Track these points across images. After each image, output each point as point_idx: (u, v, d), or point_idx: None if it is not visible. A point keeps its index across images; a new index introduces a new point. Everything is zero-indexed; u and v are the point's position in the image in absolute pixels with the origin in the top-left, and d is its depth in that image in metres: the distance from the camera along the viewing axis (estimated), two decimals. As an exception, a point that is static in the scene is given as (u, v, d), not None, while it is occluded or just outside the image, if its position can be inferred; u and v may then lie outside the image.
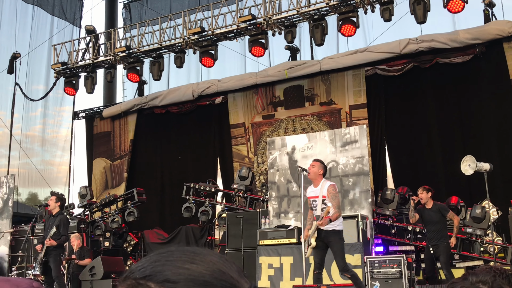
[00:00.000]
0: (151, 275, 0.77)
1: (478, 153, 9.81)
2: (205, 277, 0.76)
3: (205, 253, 0.81)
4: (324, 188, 6.91)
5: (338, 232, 6.87)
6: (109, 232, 12.40)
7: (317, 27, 11.15)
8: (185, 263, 0.78)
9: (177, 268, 0.77)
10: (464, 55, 11.66)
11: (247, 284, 0.80)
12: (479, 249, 9.46)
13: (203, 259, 0.79)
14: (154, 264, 0.78)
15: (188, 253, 0.81)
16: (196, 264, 0.78)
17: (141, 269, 0.79)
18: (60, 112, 17.54)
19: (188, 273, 0.76)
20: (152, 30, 13.22)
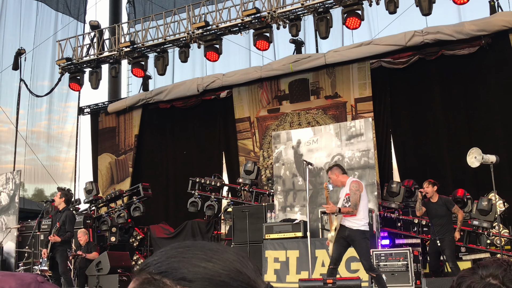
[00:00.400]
0: (167, 271, 0.75)
1: (485, 145, 9.76)
2: (222, 276, 0.75)
3: (222, 250, 0.80)
4: (348, 185, 6.92)
5: (363, 232, 6.79)
6: (115, 227, 12.44)
7: (322, 20, 11.10)
8: (202, 261, 0.76)
9: (193, 266, 0.75)
10: (470, 47, 11.59)
11: (263, 284, 0.79)
12: (485, 242, 9.43)
13: (220, 258, 0.78)
14: (170, 260, 0.77)
15: (205, 250, 0.79)
16: (213, 263, 0.76)
17: (157, 263, 0.77)
18: (66, 108, 17.59)
19: (205, 272, 0.75)
20: (156, 25, 13.21)
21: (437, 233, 8.24)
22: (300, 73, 13.33)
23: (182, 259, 0.77)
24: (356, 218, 6.76)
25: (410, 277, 8.16)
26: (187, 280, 0.74)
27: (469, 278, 1.69)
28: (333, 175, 7.01)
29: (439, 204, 8.33)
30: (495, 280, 1.64)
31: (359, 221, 6.77)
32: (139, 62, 13.38)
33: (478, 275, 1.67)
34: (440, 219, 8.29)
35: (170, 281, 0.74)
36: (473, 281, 1.66)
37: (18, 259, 12.23)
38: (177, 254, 0.78)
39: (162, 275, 0.75)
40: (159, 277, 0.75)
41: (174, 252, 0.78)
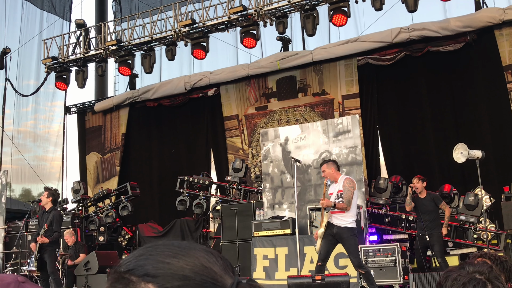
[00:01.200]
0: (134, 269, 0.78)
1: (471, 140, 9.85)
2: (185, 271, 0.77)
3: (190, 247, 0.82)
4: (340, 183, 6.94)
5: (351, 229, 6.83)
6: (103, 226, 12.39)
7: (308, 17, 11.11)
8: (167, 257, 0.79)
9: (158, 262, 0.78)
10: (455, 43, 11.67)
11: (231, 279, 0.79)
12: (472, 236, 9.52)
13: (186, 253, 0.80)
14: (138, 258, 0.80)
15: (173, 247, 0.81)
16: (177, 259, 0.78)
17: (127, 262, 0.81)
18: (52, 107, 17.45)
19: (168, 267, 0.77)
20: (142, 23, 13.13)
21: (426, 228, 8.29)
22: (287, 71, 13.35)
23: (148, 256, 0.80)
24: (345, 216, 6.79)
25: (398, 272, 8.21)
26: (151, 275, 0.76)
27: (456, 272, 1.72)
28: (329, 169, 7.02)
29: (428, 199, 8.40)
30: (481, 276, 1.68)
31: (348, 218, 6.80)
32: (126, 61, 13.30)
33: (465, 271, 1.71)
34: (429, 214, 8.36)
35: (135, 278, 0.77)
36: (459, 274, 1.70)
37: (6, 259, 12.14)
38: (145, 252, 0.81)
39: (129, 272, 0.79)
40: (127, 275, 0.78)
41: (143, 251, 0.82)
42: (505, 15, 10.90)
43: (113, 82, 16.80)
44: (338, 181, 6.99)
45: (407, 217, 9.75)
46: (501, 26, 11.18)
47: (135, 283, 0.77)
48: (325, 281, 6.95)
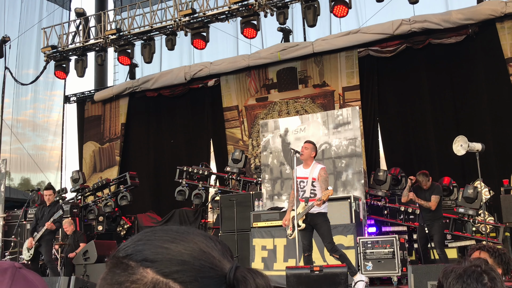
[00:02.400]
0: (132, 254, 0.78)
1: (471, 133, 9.83)
2: (183, 256, 0.77)
3: (189, 231, 0.82)
4: (315, 170, 6.91)
5: (324, 214, 6.89)
6: (102, 216, 12.38)
7: (309, 8, 11.05)
8: (165, 242, 0.79)
9: (156, 247, 0.78)
10: (457, 36, 11.62)
11: (229, 263, 0.79)
12: (471, 229, 9.52)
13: (184, 238, 0.80)
14: (137, 243, 0.80)
15: (171, 232, 0.81)
16: (176, 244, 0.78)
17: (125, 248, 0.81)
18: (51, 97, 17.41)
19: (167, 252, 0.77)
20: (142, 12, 13.08)
21: (426, 220, 8.27)
22: (288, 62, 13.30)
23: (146, 241, 0.79)
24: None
25: (397, 264, 8.21)
26: (149, 260, 0.76)
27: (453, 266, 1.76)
28: (309, 149, 7.00)
29: (429, 191, 8.36)
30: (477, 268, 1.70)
31: (323, 204, 6.81)
32: (126, 50, 13.25)
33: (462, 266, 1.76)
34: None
35: (134, 263, 0.77)
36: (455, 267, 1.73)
37: (4, 248, 12.15)
38: (144, 237, 0.81)
39: (128, 257, 0.78)
40: (126, 260, 0.78)
41: (141, 236, 0.81)
42: (507, 8, 10.85)
43: (112, 72, 16.75)
44: (309, 166, 6.97)
45: (406, 209, 9.75)
46: (503, 19, 11.13)
47: (133, 268, 0.77)
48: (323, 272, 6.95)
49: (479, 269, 1.71)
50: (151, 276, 0.75)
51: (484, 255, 3.26)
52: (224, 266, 0.78)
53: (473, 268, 1.71)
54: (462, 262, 1.79)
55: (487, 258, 3.17)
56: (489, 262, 2.02)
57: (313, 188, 6.88)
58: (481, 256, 3.11)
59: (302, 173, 7.05)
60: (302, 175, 7.03)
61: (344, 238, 8.24)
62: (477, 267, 1.72)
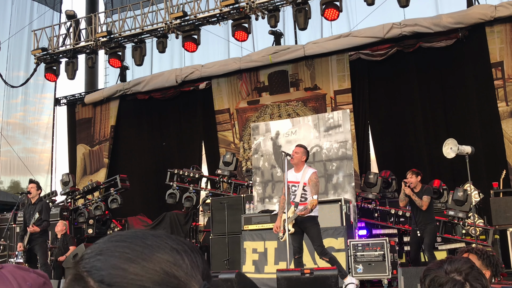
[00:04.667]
0: (91, 271, 0.74)
1: (461, 136, 9.89)
2: (143, 281, 0.72)
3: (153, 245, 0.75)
4: (306, 175, 6.90)
5: (314, 217, 6.90)
6: (92, 219, 12.31)
7: (300, 11, 11.07)
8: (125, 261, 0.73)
9: (114, 268, 0.73)
10: (447, 39, 11.70)
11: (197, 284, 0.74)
12: (461, 232, 9.55)
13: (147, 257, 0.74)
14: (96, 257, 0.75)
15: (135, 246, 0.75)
16: (136, 264, 0.73)
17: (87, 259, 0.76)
18: (42, 99, 17.32)
19: (124, 275, 0.72)
20: (133, 15, 13.04)
21: (418, 223, 8.15)
22: (279, 65, 13.32)
23: (106, 258, 0.74)
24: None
25: (387, 266, 8.23)
26: (106, 283, 0.72)
27: (435, 271, 1.68)
28: (300, 154, 6.99)
29: (420, 193, 8.27)
30: (459, 276, 1.62)
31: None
32: (116, 53, 13.21)
33: (443, 270, 1.66)
34: (418, 208, 8.24)
35: (92, 281, 0.73)
36: (437, 275, 1.65)
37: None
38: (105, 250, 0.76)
39: (87, 273, 0.74)
40: (85, 275, 0.74)
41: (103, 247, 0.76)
42: (496, 12, 10.94)
43: (103, 74, 16.68)
44: (301, 170, 6.96)
45: (396, 211, 9.77)
46: (492, 23, 11.22)
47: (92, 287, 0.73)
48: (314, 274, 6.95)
49: (462, 278, 1.63)
50: None
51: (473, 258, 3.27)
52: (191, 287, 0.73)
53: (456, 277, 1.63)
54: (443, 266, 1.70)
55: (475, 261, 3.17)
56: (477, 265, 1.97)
57: (304, 192, 6.88)
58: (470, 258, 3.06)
59: (293, 177, 7.04)
60: (293, 179, 7.02)
61: (335, 240, 8.25)
62: (460, 274, 1.64)
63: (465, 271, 1.62)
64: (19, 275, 0.99)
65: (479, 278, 1.61)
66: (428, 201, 8.14)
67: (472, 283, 1.60)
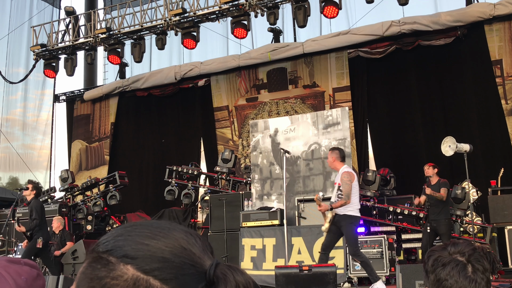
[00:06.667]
0: (112, 249, 0.78)
1: (460, 134, 9.90)
2: (164, 253, 0.76)
3: (170, 227, 0.81)
4: (339, 175, 7.06)
5: (350, 217, 6.92)
6: (91, 215, 12.33)
7: (300, 8, 11.08)
8: (146, 238, 0.78)
9: (137, 243, 0.77)
10: (446, 38, 11.71)
11: (210, 260, 0.79)
12: (459, 229, 9.59)
13: (165, 235, 0.79)
14: (117, 238, 0.79)
15: (152, 228, 0.81)
16: (156, 240, 0.78)
17: (105, 242, 0.80)
18: (41, 96, 17.31)
19: (147, 248, 0.77)
20: (133, 12, 13.04)
21: (431, 215, 8.39)
22: (278, 62, 13.32)
23: (127, 237, 0.79)
24: (346, 206, 6.90)
25: (385, 264, 8.27)
26: (130, 257, 0.76)
27: (438, 252, 1.72)
28: (331, 158, 7.19)
29: (436, 186, 8.44)
30: (462, 257, 1.67)
31: (348, 206, 6.90)
32: (115, 49, 13.21)
33: (447, 251, 1.71)
34: (435, 200, 8.37)
35: (114, 259, 0.77)
36: (440, 255, 1.70)
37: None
38: (124, 232, 0.80)
39: (108, 253, 0.78)
40: (106, 255, 0.78)
41: (122, 231, 0.81)
42: (495, 10, 10.95)
43: (102, 71, 16.67)
44: (338, 172, 7.12)
45: (395, 209, 9.80)
46: (491, 21, 11.23)
47: (114, 264, 0.76)
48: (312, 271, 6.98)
49: (464, 259, 1.67)
50: (131, 273, 0.75)
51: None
52: (204, 263, 0.78)
53: (458, 258, 1.68)
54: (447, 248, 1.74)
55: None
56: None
57: (340, 192, 6.97)
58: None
59: (336, 177, 7.26)
60: (336, 179, 7.22)
61: (333, 238, 8.26)
62: (463, 255, 1.69)
63: (468, 253, 1.67)
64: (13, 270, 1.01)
65: (480, 260, 1.66)
66: (446, 193, 8.37)
67: (474, 264, 1.66)
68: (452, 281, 1.62)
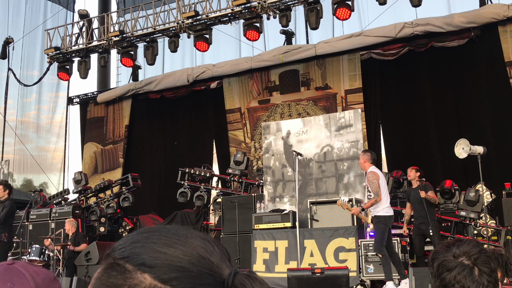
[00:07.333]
0: (129, 256, 0.76)
1: (474, 136, 9.84)
2: (182, 262, 0.75)
3: (187, 235, 0.80)
4: (366, 176, 7.46)
5: (378, 217, 7.32)
6: (104, 217, 12.40)
7: (312, 10, 11.07)
8: (163, 246, 0.77)
9: (154, 252, 0.76)
10: (459, 39, 11.63)
11: (228, 268, 0.78)
12: (472, 232, 9.51)
13: (183, 243, 0.78)
14: (133, 245, 0.78)
15: (170, 235, 0.79)
16: (174, 248, 0.76)
17: (121, 248, 0.78)
18: (55, 98, 17.48)
19: (165, 257, 0.75)
20: (145, 14, 13.12)
21: (418, 218, 8.61)
22: (290, 64, 13.32)
23: (144, 244, 0.77)
24: (377, 206, 7.32)
25: (398, 267, 8.19)
26: (147, 266, 0.74)
27: (443, 255, 1.67)
28: (362, 159, 7.63)
29: (417, 189, 8.62)
30: (468, 260, 1.61)
31: (378, 207, 7.31)
32: (128, 52, 13.29)
33: (451, 253, 1.65)
34: (420, 203, 8.53)
35: (131, 266, 0.75)
36: (445, 259, 1.64)
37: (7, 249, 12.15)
38: (141, 239, 0.78)
39: (124, 260, 0.76)
40: (122, 262, 0.76)
41: (139, 237, 0.79)
42: (509, 11, 10.85)
43: (115, 74, 16.81)
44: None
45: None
46: (505, 23, 11.14)
47: (130, 272, 0.75)
48: (324, 274, 6.98)
49: (470, 262, 1.62)
50: (149, 282, 0.73)
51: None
52: (223, 272, 0.77)
53: (464, 262, 1.63)
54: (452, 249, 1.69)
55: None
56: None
57: (369, 193, 7.46)
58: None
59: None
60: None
61: (346, 240, 8.24)
62: (469, 258, 1.64)
63: (474, 256, 1.61)
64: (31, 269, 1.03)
65: (487, 262, 1.61)
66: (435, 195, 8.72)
67: (481, 268, 1.60)
68: (458, 286, 1.58)
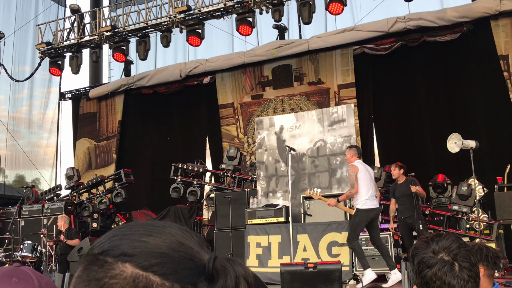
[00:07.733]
0: (108, 249, 0.76)
1: (466, 130, 9.87)
2: (162, 248, 0.75)
3: (164, 225, 0.81)
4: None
5: (358, 209, 7.44)
6: (97, 213, 12.37)
7: (305, 5, 11.05)
8: (142, 236, 0.77)
9: (133, 241, 0.76)
10: (451, 33, 11.65)
11: (207, 254, 0.78)
12: (465, 226, 9.55)
13: (161, 231, 0.78)
14: (112, 239, 0.78)
15: (147, 226, 0.80)
16: (153, 237, 0.77)
17: (100, 244, 0.78)
18: (47, 94, 17.36)
19: (145, 245, 0.75)
20: (138, 9, 13.05)
21: (404, 212, 8.57)
22: (283, 59, 13.30)
23: (123, 236, 0.77)
24: (356, 199, 7.44)
25: (391, 261, 8.21)
26: (128, 255, 0.74)
27: (422, 252, 1.65)
28: (349, 155, 7.72)
29: (404, 184, 8.59)
30: (448, 256, 1.58)
31: (356, 200, 7.46)
32: (120, 47, 13.22)
33: (431, 249, 1.61)
34: (406, 197, 8.52)
35: (111, 259, 0.75)
36: (425, 256, 1.61)
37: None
38: (119, 233, 0.79)
39: (104, 253, 0.76)
40: (102, 257, 0.76)
41: (117, 232, 0.79)
42: (501, 6, 10.88)
43: (107, 69, 16.72)
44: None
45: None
46: (497, 17, 11.17)
47: (111, 263, 0.74)
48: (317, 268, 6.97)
49: (450, 258, 1.60)
50: (130, 270, 0.73)
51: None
52: (203, 257, 0.77)
53: (444, 258, 1.61)
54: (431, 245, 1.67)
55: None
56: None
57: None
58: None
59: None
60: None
61: (339, 235, 8.26)
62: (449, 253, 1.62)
63: (454, 251, 1.59)
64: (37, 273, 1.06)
65: (467, 257, 1.59)
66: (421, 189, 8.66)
67: (461, 263, 1.58)
68: (439, 283, 1.57)
